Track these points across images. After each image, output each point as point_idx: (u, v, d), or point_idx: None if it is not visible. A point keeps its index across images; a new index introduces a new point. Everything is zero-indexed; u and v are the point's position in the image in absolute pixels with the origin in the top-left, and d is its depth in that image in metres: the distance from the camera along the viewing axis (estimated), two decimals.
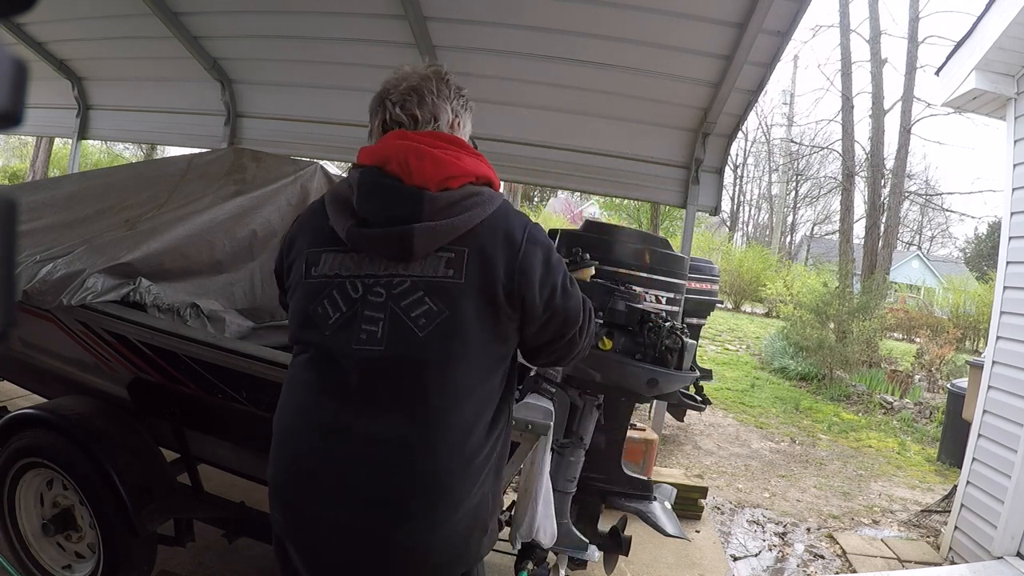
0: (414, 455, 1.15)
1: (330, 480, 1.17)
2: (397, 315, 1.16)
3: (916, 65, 13.31)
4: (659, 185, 4.46)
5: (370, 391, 1.17)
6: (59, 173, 14.52)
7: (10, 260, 0.49)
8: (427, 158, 1.19)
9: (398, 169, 1.19)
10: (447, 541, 1.19)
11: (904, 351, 12.03)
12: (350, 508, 1.16)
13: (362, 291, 1.19)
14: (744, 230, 35.20)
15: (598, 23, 3.69)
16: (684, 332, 1.87)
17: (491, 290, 1.18)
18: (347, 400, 1.18)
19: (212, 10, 4.54)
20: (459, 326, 1.16)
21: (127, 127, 5.94)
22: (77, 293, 1.93)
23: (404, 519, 1.15)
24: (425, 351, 1.16)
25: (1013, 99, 3.71)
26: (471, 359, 1.18)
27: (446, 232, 1.17)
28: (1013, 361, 3.56)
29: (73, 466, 2.04)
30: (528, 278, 1.20)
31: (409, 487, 1.15)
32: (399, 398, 1.17)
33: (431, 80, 1.30)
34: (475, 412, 1.20)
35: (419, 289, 1.16)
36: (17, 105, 0.45)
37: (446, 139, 1.26)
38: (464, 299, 1.16)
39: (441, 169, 1.19)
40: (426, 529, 1.16)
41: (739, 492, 4.71)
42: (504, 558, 2.55)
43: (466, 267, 1.17)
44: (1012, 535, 3.33)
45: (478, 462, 1.20)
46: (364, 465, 1.16)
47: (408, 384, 1.17)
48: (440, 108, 1.29)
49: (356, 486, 1.16)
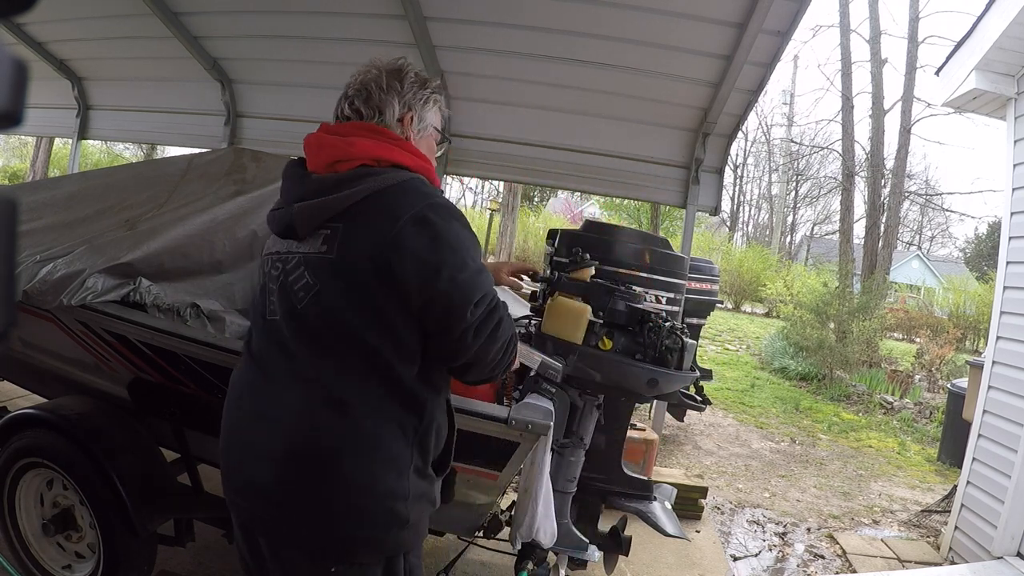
0: (299, 419, 1.22)
1: (236, 439, 1.30)
2: (284, 287, 1.26)
3: (916, 65, 13.31)
4: (659, 185, 4.46)
5: (266, 359, 1.28)
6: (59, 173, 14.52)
7: (10, 260, 0.49)
8: (315, 145, 1.30)
9: (306, 158, 1.32)
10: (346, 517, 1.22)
11: (904, 351, 12.03)
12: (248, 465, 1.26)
13: (269, 266, 1.32)
14: (744, 230, 35.25)
15: (598, 23, 3.69)
16: (684, 332, 1.87)
17: (359, 265, 1.19)
18: (256, 366, 1.31)
19: (212, 10, 4.54)
20: (329, 299, 1.21)
21: (127, 127, 5.94)
22: (77, 293, 1.93)
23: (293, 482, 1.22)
24: (304, 323, 1.23)
25: (1013, 99, 3.71)
26: (348, 335, 1.21)
27: (320, 209, 1.23)
28: (1013, 361, 3.56)
29: (73, 466, 2.04)
30: (400, 254, 1.17)
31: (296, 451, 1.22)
32: (286, 368, 1.25)
33: (382, 75, 1.34)
34: (368, 394, 1.22)
35: (302, 264, 1.24)
36: (17, 105, 0.45)
37: (359, 127, 1.31)
38: (335, 274, 1.21)
39: (328, 153, 1.27)
40: (316, 499, 1.21)
41: (739, 492, 4.71)
42: (504, 558, 2.55)
43: (338, 243, 1.21)
44: (1012, 535, 3.33)
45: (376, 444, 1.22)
46: (259, 425, 1.26)
47: (291, 355, 1.24)
48: (386, 103, 1.33)
49: (251, 444, 1.26)
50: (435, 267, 1.18)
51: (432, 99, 1.40)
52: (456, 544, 2.84)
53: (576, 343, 1.84)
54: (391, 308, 1.21)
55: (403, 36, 4.12)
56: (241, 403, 1.32)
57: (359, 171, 1.24)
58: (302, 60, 4.68)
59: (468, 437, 1.73)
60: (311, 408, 1.22)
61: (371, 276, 1.19)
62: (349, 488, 1.21)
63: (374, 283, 1.19)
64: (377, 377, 1.22)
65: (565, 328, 1.85)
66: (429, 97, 1.39)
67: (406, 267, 1.17)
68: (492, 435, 1.71)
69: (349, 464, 1.20)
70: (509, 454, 1.75)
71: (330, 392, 1.21)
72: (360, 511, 1.22)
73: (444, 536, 2.68)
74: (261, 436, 1.25)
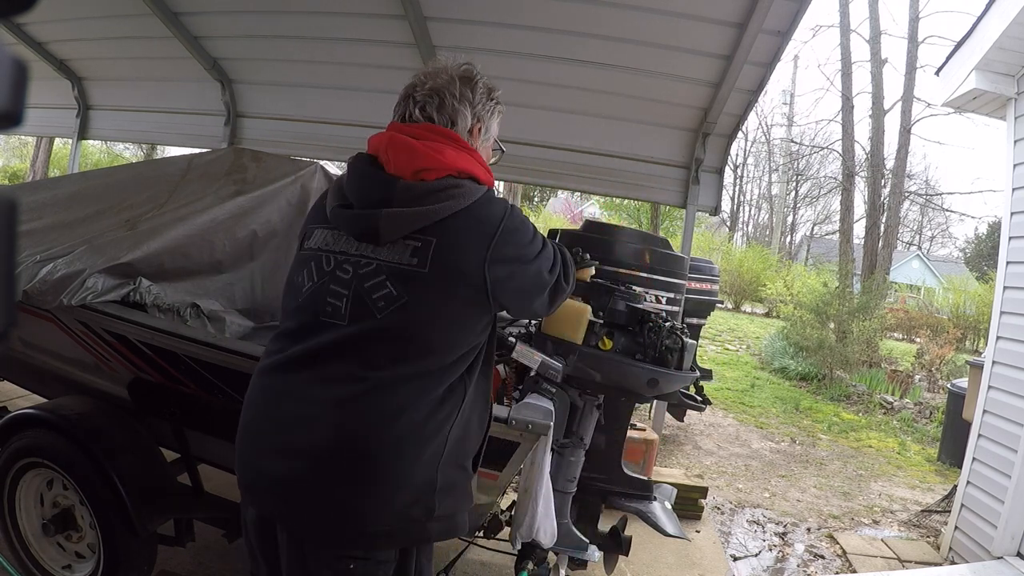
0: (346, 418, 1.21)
1: (269, 436, 1.26)
2: (359, 294, 1.22)
3: (916, 65, 13.31)
4: (659, 185, 4.46)
5: (325, 360, 1.24)
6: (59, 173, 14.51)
7: (10, 260, 0.49)
8: (403, 149, 1.25)
9: (383, 157, 1.27)
10: (380, 511, 1.21)
11: (904, 351, 12.03)
12: (284, 461, 1.22)
13: (333, 266, 1.27)
14: (744, 230, 35.24)
15: (598, 23, 3.69)
16: (684, 332, 1.87)
17: (457, 281, 1.22)
18: (302, 366, 1.25)
19: (212, 10, 4.54)
20: (416, 313, 1.21)
21: (127, 127, 5.94)
22: (77, 293, 1.93)
23: (333, 478, 1.20)
24: (380, 331, 1.21)
25: (1013, 99, 3.71)
26: (425, 345, 1.23)
27: (412, 219, 1.22)
28: (1013, 361, 3.56)
29: (73, 466, 2.04)
30: (500, 267, 1.23)
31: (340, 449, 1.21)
32: (349, 369, 1.22)
33: (456, 83, 1.34)
34: (421, 395, 1.22)
35: (382, 273, 1.22)
36: (17, 105, 0.45)
37: (437, 131, 1.30)
38: (425, 288, 1.21)
39: (416, 160, 1.24)
40: (354, 494, 1.20)
41: (739, 492, 4.71)
42: (504, 558, 2.55)
43: (431, 257, 1.21)
44: (1012, 535, 3.33)
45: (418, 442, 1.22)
46: (301, 423, 1.23)
47: (359, 358, 1.22)
48: (459, 113, 1.33)
49: (291, 441, 1.22)
50: (521, 264, 1.28)
51: (497, 110, 1.43)
52: (456, 544, 2.84)
53: (576, 343, 1.84)
54: (475, 318, 1.26)
55: (403, 36, 4.12)
56: (280, 400, 1.27)
57: (447, 182, 1.24)
58: (302, 60, 4.68)
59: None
60: (356, 408, 1.21)
61: (464, 290, 1.22)
62: (380, 485, 1.21)
63: (466, 298, 1.23)
64: (429, 379, 1.24)
65: (565, 328, 1.85)
66: (495, 108, 1.41)
67: (498, 273, 1.23)
68: (492, 435, 1.71)
69: (383, 463, 1.20)
70: (509, 454, 1.75)
71: (380, 394, 1.21)
72: (392, 502, 1.22)
73: None
74: (302, 432, 1.23)
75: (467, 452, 1.34)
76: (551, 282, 1.35)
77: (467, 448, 1.34)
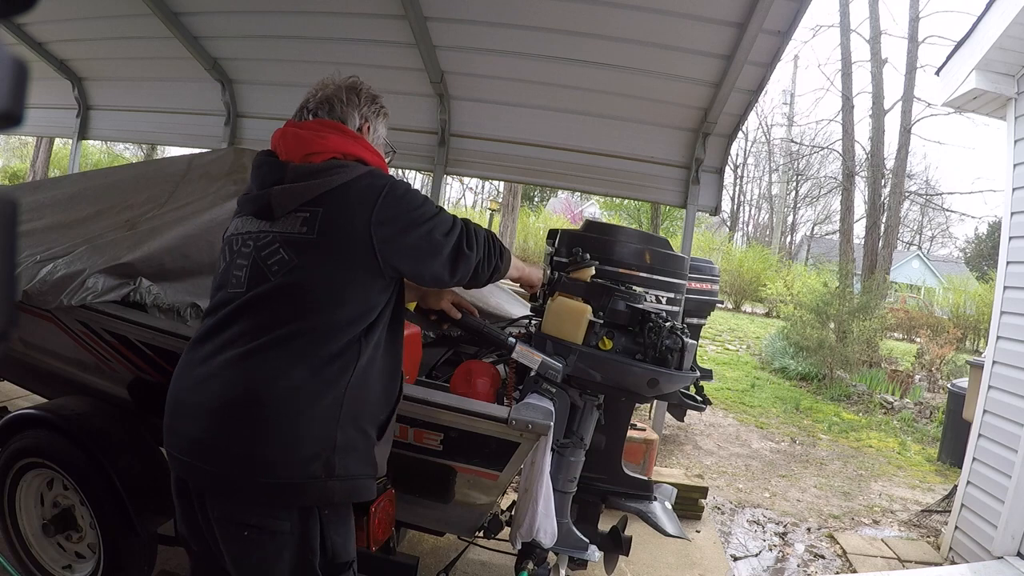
0: (238, 375, 1.32)
1: (181, 404, 1.38)
2: (256, 262, 1.38)
3: (916, 65, 13.31)
4: (659, 185, 4.46)
5: (227, 327, 1.37)
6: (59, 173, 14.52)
7: (10, 260, 0.49)
8: (292, 138, 1.45)
9: (278, 149, 1.47)
10: (277, 462, 1.29)
11: (904, 351, 12.03)
12: (190, 422, 1.35)
13: (239, 245, 1.44)
14: (744, 230, 35.22)
15: (598, 23, 3.70)
16: (684, 332, 1.87)
17: (344, 244, 1.35)
18: (210, 337, 1.39)
19: (212, 10, 4.54)
20: (306, 275, 1.34)
21: (127, 127, 5.94)
22: (77, 293, 1.93)
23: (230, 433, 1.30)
24: (273, 293, 1.35)
25: (1013, 99, 3.71)
26: (314, 304, 1.34)
27: (300, 193, 1.37)
28: (1013, 361, 3.56)
29: (73, 466, 2.04)
30: (385, 228, 1.36)
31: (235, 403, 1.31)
32: (243, 330, 1.35)
33: (343, 91, 1.54)
34: (312, 351, 1.32)
35: (277, 242, 1.37)
36: (17, 105, 0.45)
37: (326, 124, 1.49)
38: (315, 252, 1.35)
39: (303, 146, 1.43)
40: (251, 445, 1.29)
41: (739, 492, 4.71)
42: (504, 558, 2.55)
43: (319, 225, 1.35)
44: (1012, 535, 3.33)
45: (311, 396, 1.31)
46: (203, 386, 1.34)
47: (257, 319, 1.35)
48: (348, 114, 1.53)
49: (196, 404, 1.34)
50: (407, 224, 1.38)
51: (383, 113, 1.62)
52: (456, 544, 2.84)
53: (576, 343, 1.84)
54: (366, 280, 1.37)
55: (403, 36, 4.12)
56: (192, 369, 1.39)
57: (331, 163, 1.41)
58: (302, 60, 4.68)
59: (468, 437, 1.74)
60: (248, 364, 1.32)
61: (352, 252, 1.35)
62: (275, 436, 1.29)
63: (354, 259, 1.35)
64: (320, 336, 1.33)
65: (565, 328, 1.85)
66: (380, 111, 1.60)
67: (384, 234, 1.35)
68: (492, 435, 1.71)
69: (276, 413, 1.29)
70: (509, 454, 1.75)
71: (271, 350, 1.32)
72: (289, 454, 1.30)
73: (444, 536, 2.68)
74: (203, 394, 1.34)
75: (368, 416, 1.40)
76: (448, 246, 1.44)
77: (367, 411, 1.40)
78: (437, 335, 2.35)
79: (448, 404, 1.70)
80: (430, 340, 2.34)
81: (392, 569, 2.03)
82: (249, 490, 1.30)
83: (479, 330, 1.92)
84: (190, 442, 1.34)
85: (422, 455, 1.82)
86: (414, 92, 4.54)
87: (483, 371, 1.88)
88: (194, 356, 1.41)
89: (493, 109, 4.54)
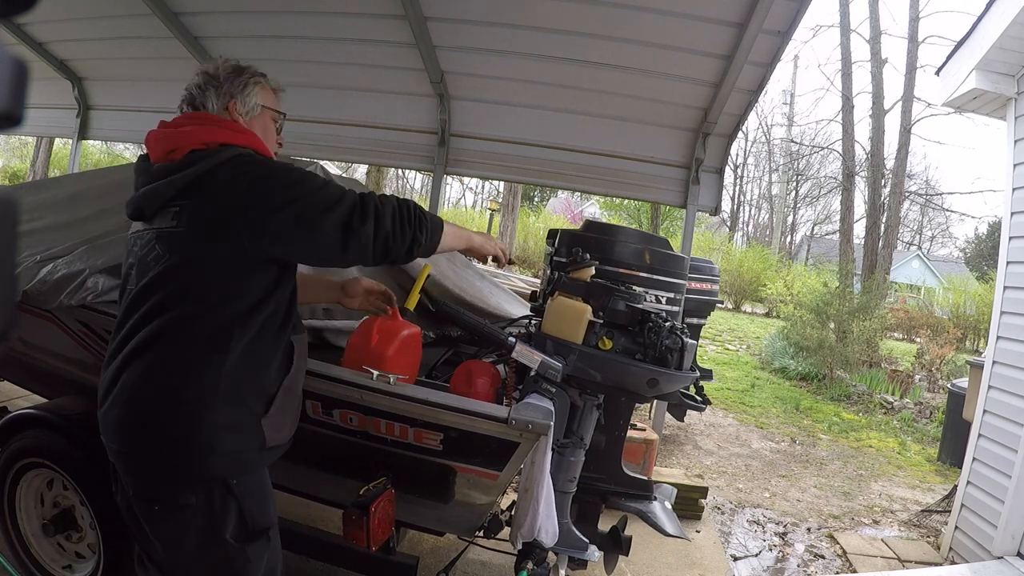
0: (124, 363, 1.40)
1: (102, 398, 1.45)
2: (142, 261, 1.43)
3: (916, 65, 13.31)
4: (659, 185, 4.46)
5: (125, 322, 1.43)
6: (59, 173, 14.51)
7: (10, 260, 0.49)
8: (153, 139, 1.48)
9: (149, 153, 1.50)
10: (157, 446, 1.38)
11: (904, 351, 12.02)
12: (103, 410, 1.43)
13: (131, 245, 1.50)
14: (744, 230, 35.23)
15: (598, 23, 3.69)
16: (684, 332, 1.87)
17: (213, 233, 1.37)
18: (116, 332, 1.46)
19: (212, 10, 4.54)
20: (178, 266, 1.38)
21: (127, 127, 5.93)
22: (77, 293, 1.93)
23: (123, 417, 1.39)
24: (152, 285, 1.40)
25: (1013, 99, 3.71)
26: (186, 291, 1.39)
27: (159, 191, 1.41)
28: (1013, 361, 3.56)
29: (73, 466, 2.04)
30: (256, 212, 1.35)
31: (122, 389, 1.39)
32: (137, 323, 1.41)
33: (198, 76, 1.55)
34: (185, 335, 1.38)
35: (154, 239, 1.42)
36: (17, 105, 0.45)
37: (190, 117, 1.51)
38: (184, 243, 1.38)
39: (160, 145, 1.46)
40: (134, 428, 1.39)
41: (739, 492, 4.71)
42: (504, 558, 2.55)
43: (187, 217, 1.38)
44: (1012, 535, 3.33)
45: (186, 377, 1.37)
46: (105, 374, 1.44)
47: (140, 312, 1.41)
48: (206, 97, 1.53)
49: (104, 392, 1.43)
50: (273, 207, 1.36)
51: (251, 82, 1.58)
52: (456, 544, 2.84)
53: (576, 343, 1.84)
54: (235, 263, 1.38)
55: (403, 36, 4.12)
56: (105, 365, 1.47)
57: (191, 156, 1.41)
58: (302, 60, 4.68)
59: (468, 437, 1.73)
60: (132, 352, 1.39)
61: (222, 239, 1.36)
62: (160, 417, 1.37)
63: (218, 245, 1.37)
64: (193, 321, 1.38)
65: (565, 328, 1.85)
66: (247, 81, 1.57)
67: (249, 218, 1.35)
68: (492, 435, 1.71)
69: (159, 396, 1.37)
70: (509, 454, 1.75)
71: (150, 338, 1.38)
72: (170, 437, 1.37)
73: (444, 536, 2.68)
74: (105, 382, 1.44)
75: (250, 392, 1.43)
76: (329, 222, 1.38)
77: (248, 390, 1.43)
78: (437, 335, 2.35)
79: (448, 404, 1.70)
80: (430, 340, 2.34)
81: (392, 569, 2.03)
82: (150, 467, 1.40)
83: (479, 330, 1.92)
84: (105, 428, 1.43)
85: (422, 455, 1.82)
86: (414, 92, 4.54)
87: (483, 371, 1.88)
88: (108, 352, 1.49)
89: (493, 109, 4.54)
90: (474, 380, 1.84)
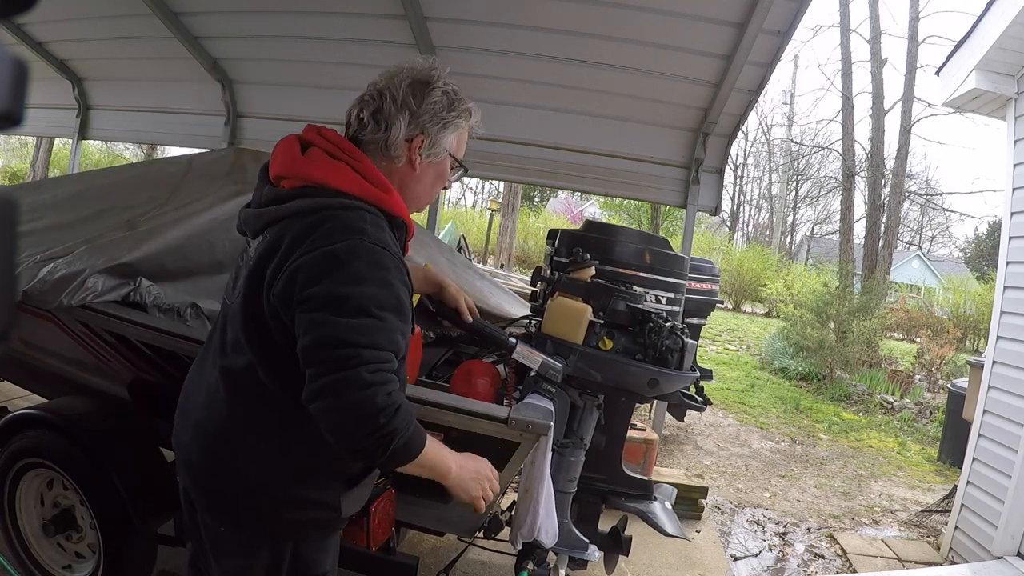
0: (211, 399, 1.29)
1: (182, 416, 1.37)
2: (238, 276, 1.31)
3: (916, 65, 13.31)
4: (659, 185, 4.46)
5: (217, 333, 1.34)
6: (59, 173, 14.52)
7: (10, 260, 0.49)
8: (277, 153, 1.31)
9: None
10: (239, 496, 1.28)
11: (904, 351, 12.02)
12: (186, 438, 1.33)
13: (240, 250, 1.38)
14: (744, 230, 35.23)
15: (598, 23, 3.70)
16: (684, 332, 1.87)
17: (257, 278, 1.20)
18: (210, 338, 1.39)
19: (212, 10, 4.54)
20: (239, 298, 1.25)
21: (127, 127, 5.94)
22: (77, 293, 1.93)
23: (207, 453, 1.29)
24: (231, 315, 1.29)
25: (1013, 99, 3.71)
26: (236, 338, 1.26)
27: (258, 218, 1.27)
28: (1013, 361, 3.56)
29: (73, 466, 2.04)
30: (291, 280, 1.13)
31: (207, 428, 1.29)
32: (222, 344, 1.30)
33: (402, 85, 1.25)
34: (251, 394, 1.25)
35: (250, 262, 1.26)
36: (17, 105, 0.45)
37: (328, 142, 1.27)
38: (247, 278, 1.24)
39: (279, 167, 1.28)
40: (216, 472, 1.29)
41: (739, 492, 4.71)
42: (504, 558, 2.55)
43: (258, 252, 1.23)
44: (1012, 535, 3.33)
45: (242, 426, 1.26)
46: (194, 402, 1.34)
47: (228, 334, 1.29)
48: (395, 119, 1.24)
49: (190, 420, 1.33)
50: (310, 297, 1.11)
51: (456, 124, 1.30)
52: (456, 544, 2.84)
53: (576, 343, 1.84)
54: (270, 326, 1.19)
55: (403, 36, 4.12)
56: (190, 384, 1.39)
57: (297, 191, 1.22)
58: (302, 60, 4.68)
59: (468, 437, 1.73)
60: (218, 383, 1.28)
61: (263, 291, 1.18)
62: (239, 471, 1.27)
63: (263, 298, 1.18)
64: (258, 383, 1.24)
65: (565, 328, 1.85)
66: (453, 122, 1.29)
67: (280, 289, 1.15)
68: (492, 435, 1.71)
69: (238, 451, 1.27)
70: (509, 454, 1.75)
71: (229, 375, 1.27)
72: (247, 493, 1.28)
73: (444, 536, 2.68)
74: (194, 411, 1.33)
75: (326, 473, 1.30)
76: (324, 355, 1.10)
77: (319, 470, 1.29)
78: (437, 335, 2.35)
79: (448, 404, 1.70)
80: (430, 340, 2.34)
81: (392, 569, 2.03)
82: (229, 512, 1.31)
83: (479, 330, 1.92)
84: (186, 458, 1.33)
85: None
86: None
87: (483, 371, 1.88)
88: (194, 368, 1.40)
89: (493, 109, 4.53)
90: (474, 380, 1.84)
